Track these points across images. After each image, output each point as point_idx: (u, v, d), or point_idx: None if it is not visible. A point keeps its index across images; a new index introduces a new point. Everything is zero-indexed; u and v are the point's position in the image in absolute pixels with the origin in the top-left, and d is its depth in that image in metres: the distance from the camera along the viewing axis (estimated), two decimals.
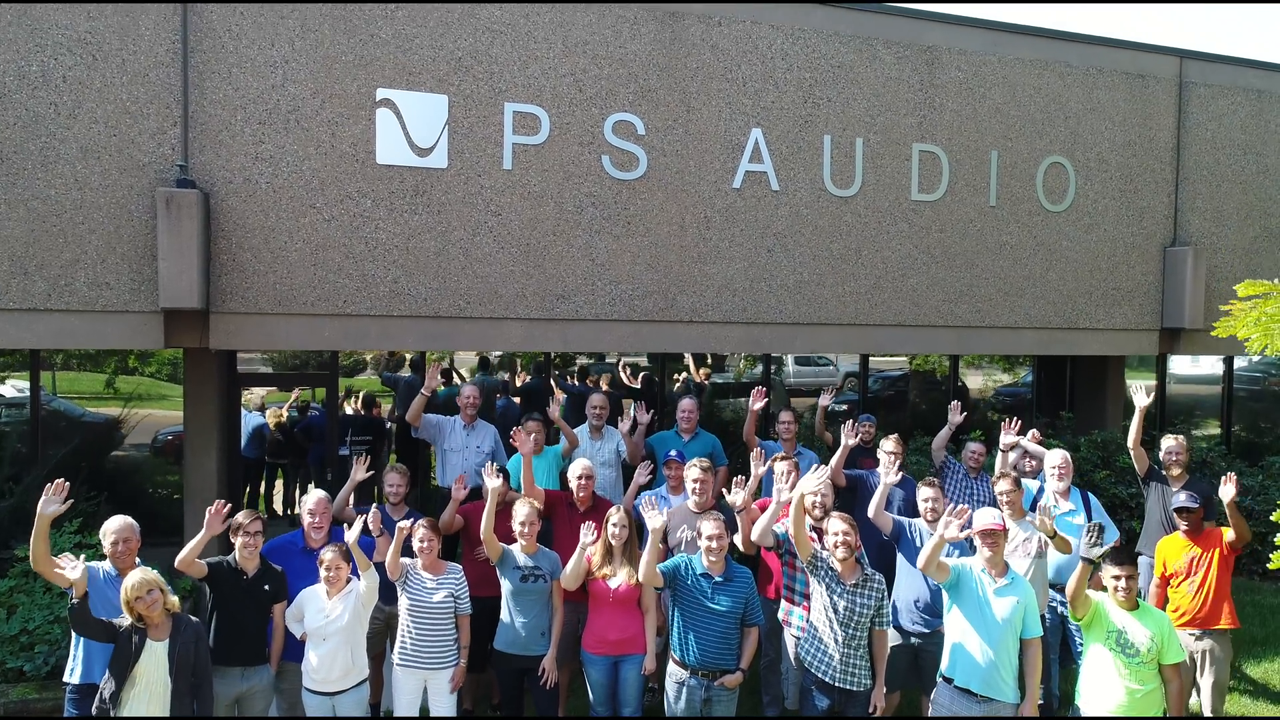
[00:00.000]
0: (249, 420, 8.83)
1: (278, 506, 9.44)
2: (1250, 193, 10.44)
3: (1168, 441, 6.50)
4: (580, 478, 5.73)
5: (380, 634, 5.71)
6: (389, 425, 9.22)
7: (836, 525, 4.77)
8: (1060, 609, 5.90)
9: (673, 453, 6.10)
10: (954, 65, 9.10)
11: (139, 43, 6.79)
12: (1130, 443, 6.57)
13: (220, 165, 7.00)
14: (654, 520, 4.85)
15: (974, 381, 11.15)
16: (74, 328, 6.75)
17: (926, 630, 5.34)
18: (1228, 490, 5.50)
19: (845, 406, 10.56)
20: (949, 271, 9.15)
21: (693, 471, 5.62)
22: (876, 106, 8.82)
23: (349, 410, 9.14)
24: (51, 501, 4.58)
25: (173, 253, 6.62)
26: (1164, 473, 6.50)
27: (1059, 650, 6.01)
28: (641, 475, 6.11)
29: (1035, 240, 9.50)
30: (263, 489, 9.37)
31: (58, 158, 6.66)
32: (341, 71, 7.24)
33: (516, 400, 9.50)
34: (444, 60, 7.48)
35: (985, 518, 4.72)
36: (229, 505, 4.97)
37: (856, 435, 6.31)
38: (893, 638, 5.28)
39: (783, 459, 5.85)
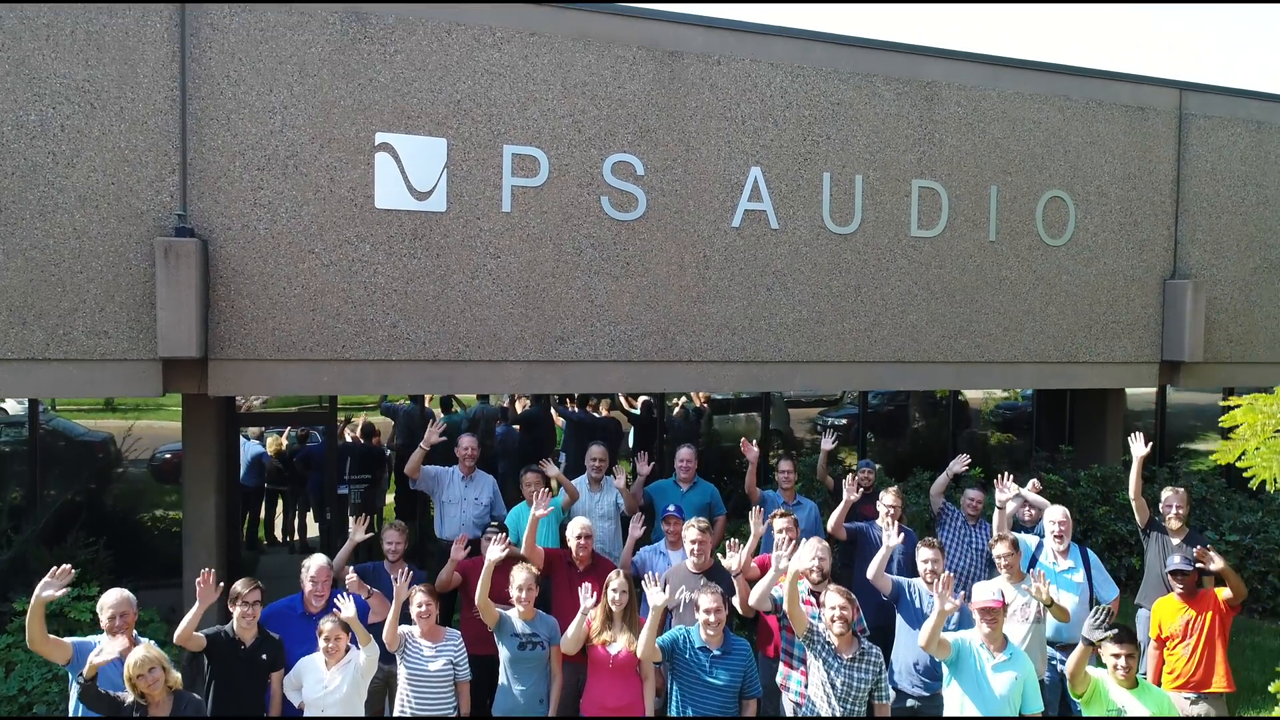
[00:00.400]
0: (248, 449, 8.85)
1: (278, 534, 9.47)
2: (1250, 224, 10.44)
3: (1166, 494, 6.51)
4: (579, 537, 5.72)
5: (379, 692, 5.71)
6: (388, 453, 9.24)
7: (834, 599, 4.77)
8: (1060, 667, 5.90)
9: (671, 508, 6.10)
10: (953, 100, 9.08)
11: (137, 90, 6.78)
12: (1131, 493, 6.57)
13: (219, 212, 6.98)
14: (656, 598, 4.85)
15: (973, 396, 11.17)
16: (72, 377, 6.73)
17: (926, 694, 5.34)
18: (1216, 563, 5.52)
19: (845, 420, 10.56)
20: (948, 307, 9.15)
21: (690, 532, 5.61)
22: (876, 143, 8.81)
23: (348, 438, 9.17)
24: (50, 585, 4.56)
25: (171, 302, 6.61)
26: (1163, 524, 6.50)
27: (1059, 707, 6.01)
28: (636, 529, 6.11)
29: (1035, 274, 9.49)
30: (263, 515, 9.40)
31: (56, 207, 6.65)
32: (340, 116, 7.23)
33: (516, 427, 9.51)
34: (443, 103, 7.46)
35: (984, 594, 4.72)
36: (213, 572, 4.96)
37: (859, 490, 6.30)
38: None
39: (782, 515, 5.84)
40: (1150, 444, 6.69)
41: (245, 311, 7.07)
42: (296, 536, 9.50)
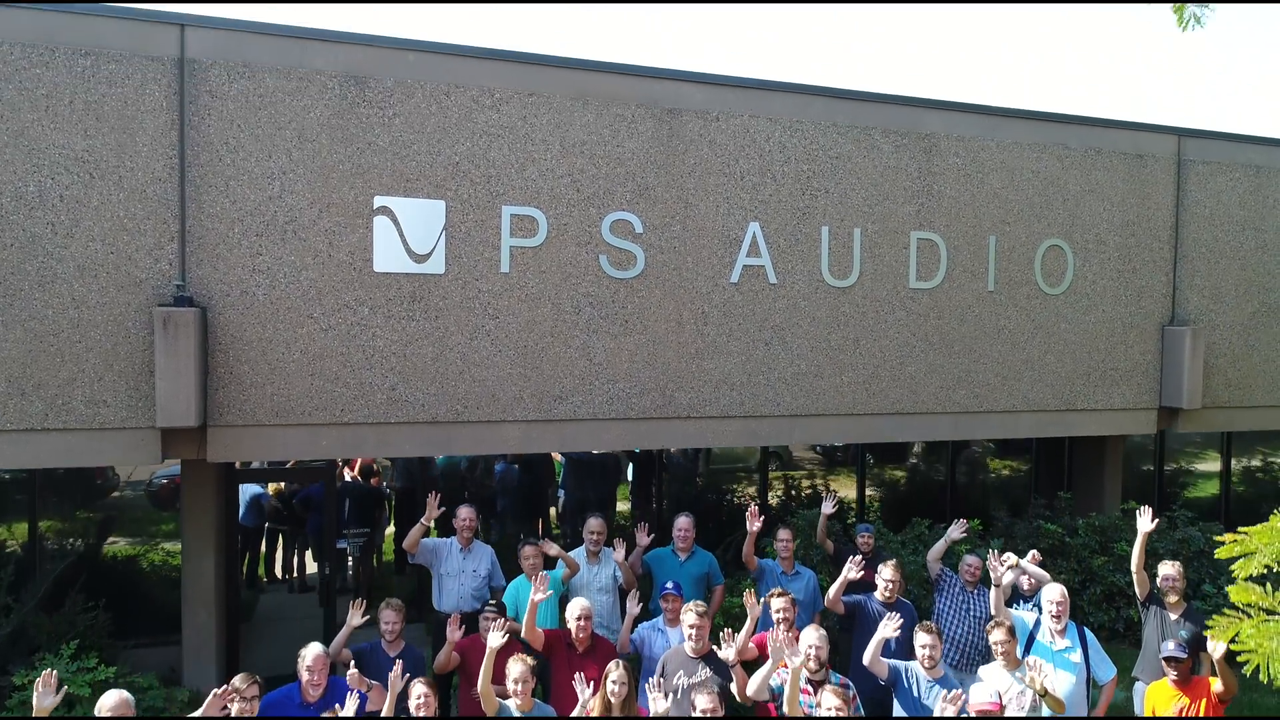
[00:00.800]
0: (247, 489, 8.89)
1: (277, 571, 9.49)
2: (1249, 268, 10.44)
3: (1165, 569, 6.51)
4: (579, 619, 5.73)
5: None
6: (387, 491, 9.27)
7: (830, 700, 4.78)
8: None
9: (669, 585, 6.11)
10: (952, 151, 9.09)
11: (136, 159, 6.79)
12: (1133, 567, 6.58)
13: (218, 278, 6.99)
14: (657, 705, 4.86)
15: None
16: (71, 446, 6.74)
17: None
18: (1218, 648, 5.51)
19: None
20: (947, 358, 9.16)
21: (689, 616, 5.62)
22: (875, 196, 8.81)
23: (347, 477, 9.20)
24: (47, 694, 4.57)
25: (170, 373, 6.62)
26: (1163, 599, 6.50)
27: None
28: (633, 607, 6.12)
29: (1033, 323, 9.50)
30: (263, 553, 9.43)
31: (55, 277, 6.66)
32: (339, 180, 7.24)
33: (515, 465, 9.54)
34: (441, 166, 7.47)
35: (982, 696, 4.72)
36: (228, 688, 4.98)
37: (859, 571, 6.30)
38: None
39: (779, 595, 5.85)
40: (1153, 516, 6.68)
41: (244, 377, 7.08)
42: (295, 574, 9.54)
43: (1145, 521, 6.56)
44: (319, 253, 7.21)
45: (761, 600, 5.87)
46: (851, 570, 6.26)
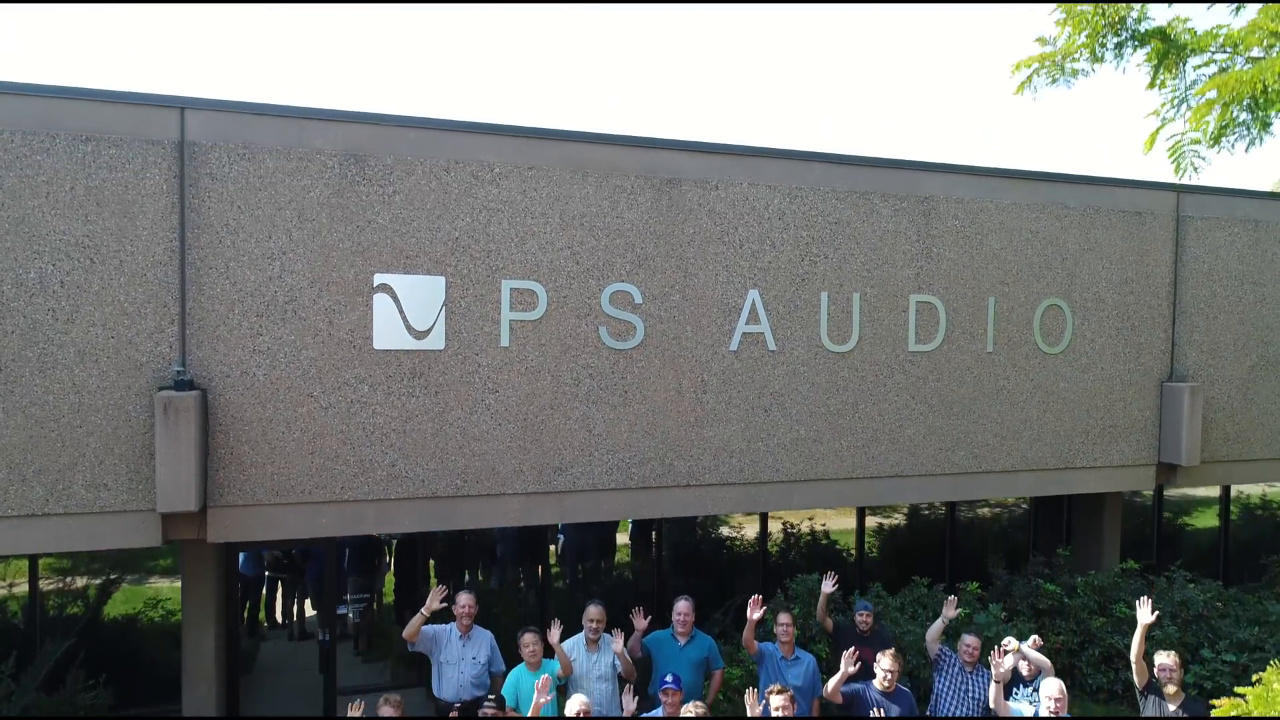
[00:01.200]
0: None
1: (278, 617, 9.51)
2: (1247, 323, 10.46)
3: (1161, 658, 6.52)
4: (579, 715, 5.74)
5: None
6: (386, 538, 9.29)
7: None
8: None
9: (669, 679, 6.12)
10: (951, 214, 9.11)
11: (137, 243, 6.80)
12: (1132, 657, 6.59)
13: (218, 360, 7.01)
14: None
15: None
16: (72, 531, 6.76)
17: None
18: None
19: None
20: (945, 419, 9.17)
21: (688, 714, 5.63)
22: (874, 260, 8.83)
23: None
24: None
25: (170, 459, 6.63)
26: (1161, 690, 6.51)
27: None
28: (629, 701, 6.13)
29: (1032, 383, 9.52)
30: (263, 597, 9.44)
31: (55, 363, 6.67)
32: (339, 259, 7.25)
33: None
34: (441, 242, 7.49)
35: None
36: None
37: (856, 665, 6.31)
38: None
39: (778, 692, 5.86)
40: (1155, 598, 6.69)
41: (244, 457, 7.09)
42: (295, 621, 9.56)
43: (1145, 613, 6.58)
44: (319, 332, 7.22)
45: (761, 699, 5.88)
46: (849, 665, 6.27)
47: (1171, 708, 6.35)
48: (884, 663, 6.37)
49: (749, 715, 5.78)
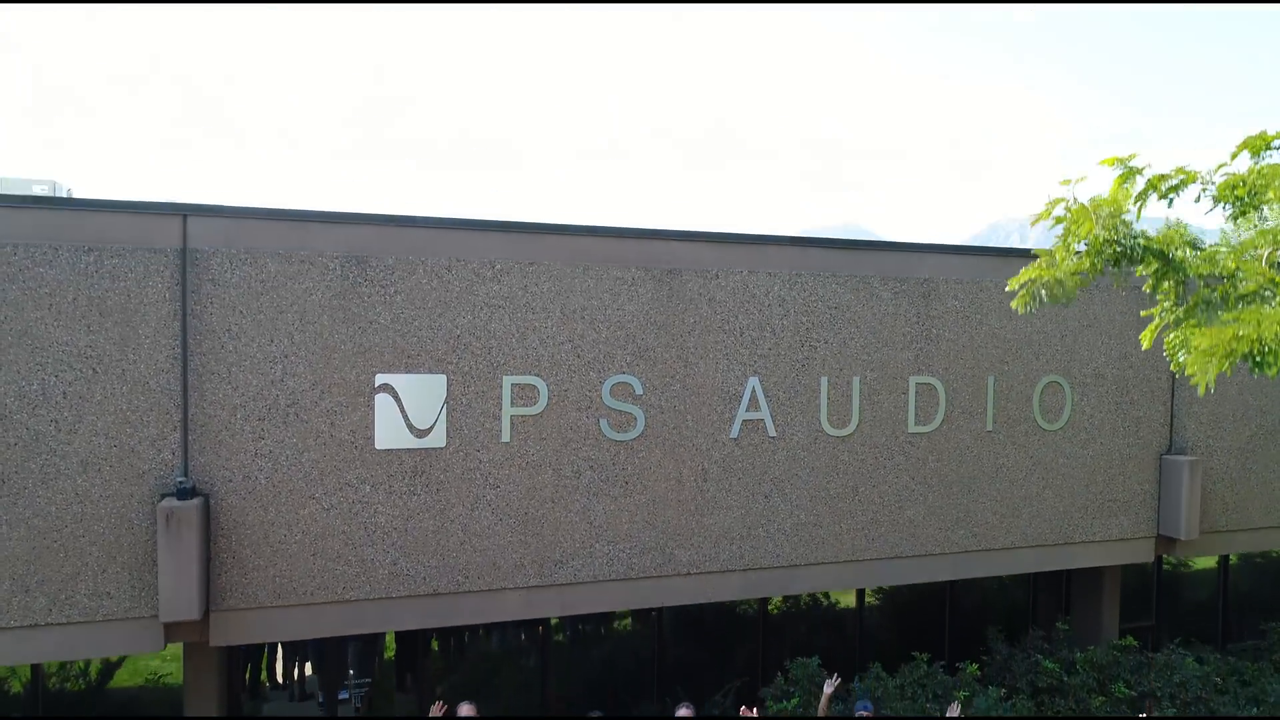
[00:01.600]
0: None
1: (279, 677, 9.53)
2: (1246, 392, 10.48)
3: None
4: None
5: None
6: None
7: None
8: None
9: None
10: (950, 295, 9.13)
11: (139, 351, 6.82)
12: None
13: (220, 465, 7.03)
14: None
15: None
16: (75, 640, 6.77)
17: None
18: None
19: None
20: (945, 499, 9.20)
21: None
22: (874, 343, 8.86)
23: None
24: None
25: (172, 569, 6.66)
26: None
27: None
28: None
29: (1032, 460, 9.54)
30: (264, 659, 9.47)
31: (58, 474, 6.69)
32: (341, 361, 7.28)
33: None
34: (442, 340, 7.51)
35: None
36: None
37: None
38: None
39: None
40: (1153, 676, 6.71)
41: (246, 561, 7.11)
42: (296, 681, 9.59)
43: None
44: (321, 434, 7.24)
45: None
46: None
47: None
48: None
49: None
